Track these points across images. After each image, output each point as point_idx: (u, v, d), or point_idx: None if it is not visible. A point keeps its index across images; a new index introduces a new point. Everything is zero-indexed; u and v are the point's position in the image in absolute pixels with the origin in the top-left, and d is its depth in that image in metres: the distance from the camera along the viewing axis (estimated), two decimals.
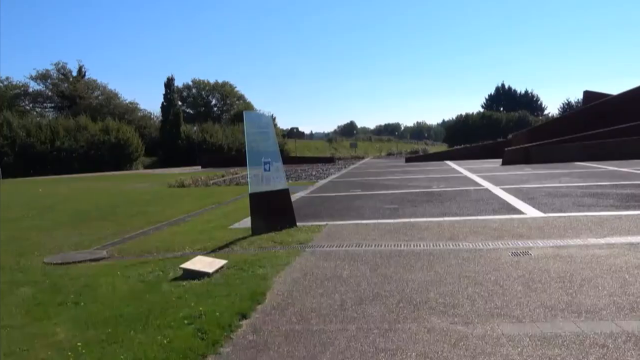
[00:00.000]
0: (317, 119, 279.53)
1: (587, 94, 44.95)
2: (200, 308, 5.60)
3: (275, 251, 8.64)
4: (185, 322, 5.26)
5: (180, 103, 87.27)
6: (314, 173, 33.42)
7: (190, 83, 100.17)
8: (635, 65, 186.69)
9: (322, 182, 25.04)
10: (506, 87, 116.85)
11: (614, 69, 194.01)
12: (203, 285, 6.64)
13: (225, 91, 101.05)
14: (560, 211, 11.63)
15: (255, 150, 10.59)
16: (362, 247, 8.73)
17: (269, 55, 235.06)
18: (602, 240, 8.40)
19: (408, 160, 46.78)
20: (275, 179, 10.87)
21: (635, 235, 8.70)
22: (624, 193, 14.41)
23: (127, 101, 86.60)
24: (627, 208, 11.68)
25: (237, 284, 6.64)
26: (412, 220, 11.34)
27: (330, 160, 57.94)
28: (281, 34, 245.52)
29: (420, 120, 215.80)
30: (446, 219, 11.32)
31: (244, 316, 5.43)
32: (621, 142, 32.14)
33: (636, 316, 4.93)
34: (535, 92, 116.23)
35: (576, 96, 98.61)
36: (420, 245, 8.62)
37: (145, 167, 65.92)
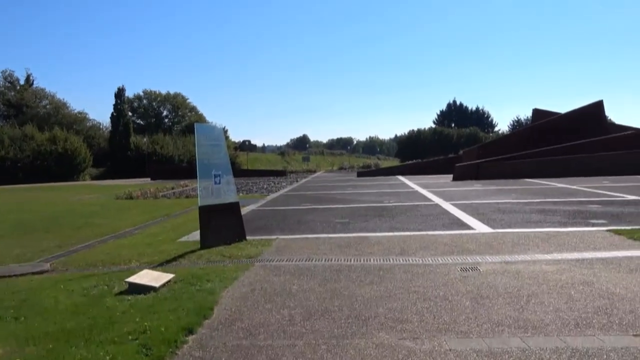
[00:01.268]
0: (269, 132, 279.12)
1: (536, 112, 46.20)
2: (146, 323, 5.46)
3: (224, 265, 8.52)
4: (130, 337, 5.11)
5: (130, 114, 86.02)
6: (265, 186, 33.28)
7: (142, 94, 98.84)
8: (582, 84, 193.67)
9: (273, 195, 24.95)
10: (458, 103, 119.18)
11: (562, 88, 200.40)
12: (149, 300, 6.48)
13: (177, 102, 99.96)
14: (509, 227, 11.85)
15: (206, 163, 10.45)
16: (312, 261, 8.69)
17: (222, 67, 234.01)
18: (548, 256, 8.58)
19: (360, 174, 47.11)
20: (226, 192, 10.75)
21: (581, 251, 8.92)
22: (571, 210, 14.79)
23: (75, 111, 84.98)
24: (574, 224, 11.99)
25: (184, 298, 6.50)
26: (362, 234, 11.37)
27: (282, 173, 57.85)
28: (235, 46, 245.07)
29: (373, 134, 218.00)
30: (397, 233, 11.39)
31: (191, 331, 5.31)
32: (568, 160, 33.15)
33: (581, 332, 5.02)
34: (486, 109, 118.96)
35: (526, 114, 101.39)
36: (370, 260, 8.63)
37: (93, 178, 64.54)
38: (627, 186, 23.07)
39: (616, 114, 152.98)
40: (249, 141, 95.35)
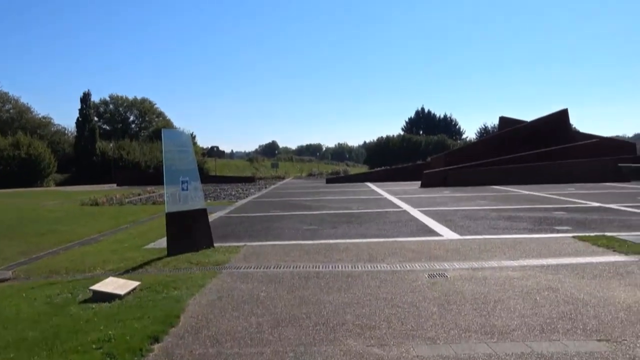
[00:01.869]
0: (238, 138, 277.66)
1: (503, 120, 46.84)
2: (110, 332, 5.37)
3: (191, 272, 8.42)
4: (94, 346, 5.02)
5: (96, 119, 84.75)
6: (233, 193, 33.04)
7: (108, 98, 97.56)
8: (548, 93, 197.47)
9: (241, 202, 24.80)
10: (426, 111, 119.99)
11: (528, 97, 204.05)
12: (114, 308, 6.37)
13: (144, 108, 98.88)
14: (476, 233, 11.97)
15: (173, 169, 10.34)
16: (280, 268, 8.65)
17: (190, 72, 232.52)
18: (515, 263, 8.68)
19: (329, 181, 47.09)
20: (193, 198, 10.64)
21: (547, 257, 9.04)
22: (536, 216, 15.01)
23: (40, 116, 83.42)
24: (539, 231, 12.16)
25: (150, 306, 6.40)
26: (331, 241, 11.36)
27: (250, 180, 57.55)
28: (204, 51, 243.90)
29: (342, 141, 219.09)
30: (365, 240, 11.41)
31: (156, 340, 5.23)
32: (535, 167, 33.68)
33: (546, 337, 5.08)
34: (453, 117, 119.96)
35: (492, 121, 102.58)
36: (338, 267, 8.62)
37: (58, 184, 63.26)
38: (591, 193, 23.53)
39: (580, 123, 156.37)
40: (217, 147, 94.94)
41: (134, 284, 7.29)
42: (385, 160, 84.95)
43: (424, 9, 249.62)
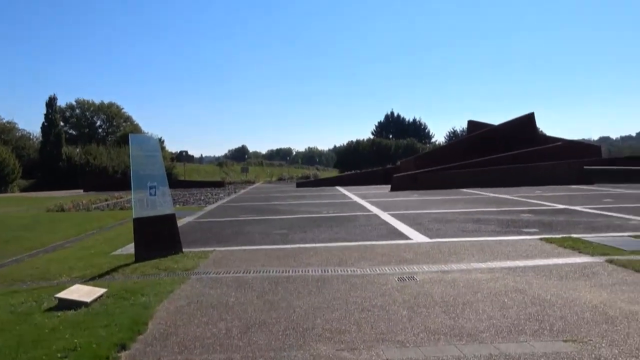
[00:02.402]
0: (207, 143, 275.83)
1: (471, 124, 47.35)
2: (76, 340, 5.26)
3: (159, 278, 8.31)
4: (59, 355, 4.93)
5: (62, 124, 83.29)
6: (202, 197, 32.77)
7: (74, 103, 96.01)
8: (515, 97, 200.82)
9: (211, 206, 24.62)
10: (395, 115, 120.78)
11: (497, 100, 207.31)
12: (80, 316, 6.25)
13: (111, 112, 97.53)
14: (445, 236, 12.06)
15: (140, 174, 10.22)
16: (250, 273, 8.59)
17: (159, 76, 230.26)
18: (483, 265, 8.77)
19: (299, 185, 47.01)
20: (162, 203, 10.53)
21: (514, 259, 9.15)
22: (504, 219, 15.20)
23: (4, 120, 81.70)
24: (507, 233, 12.31)
25: (117, 313, 6.30)
26: (301, 245, 11.33)
27: (220, 184, 57.14)
28: (172, 55, 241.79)
29: (312, 145, 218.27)
30: (335, 244, 11.41)
31: (124, 347, 5.15)
32: (503, 170, 34.13)
33: (514, 338, 5.13)
34: (423, 121, 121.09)
35: (461, 125, 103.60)
36: (308, 271, 8.60)
37: (23, 190, 62.02)
38: (557, 195, 23.94)
39: (547, 126, 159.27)
40: (186, 152, 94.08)
41: (101, 291, 7.17)
42: (356, 164, 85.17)
43: (394, 14, 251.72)
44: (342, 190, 35.42)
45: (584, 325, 5.46)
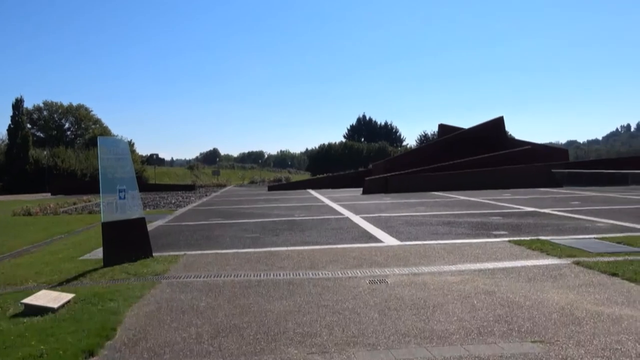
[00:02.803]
0: (178, 146, 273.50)
1: (442, 127, 47.86)
2: (42, 347, 5.16)
3: (128, 283, 8.20)
4: None
5: (29, 126, 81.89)
6: (173, 201, 32.47)
7: (42, 105, 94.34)
8: (485, 101, 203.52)
9: (181, 210, 24.42)
10: (367, 118, 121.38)
11: (468, 104, 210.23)
12: (46, 322, 6.13)
13: (80, 114, 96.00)
14: (416, 239, 12.14)
15: (109, 177, 10.10)
16: (220, 277, 8.54)
17: (128, 78, 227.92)
18: (453, 267, 8.85)
19: (271, 188, 46.88)
20: (131, 207, 10.41)
21: (484, 262, 9.26)
22: (474, 221, 15.36)
23: None
24: (477, 236, 12.45)
25: (84, 319, 6.20)
26: (272, 249, 11.31)
27: (191, 187, 56.72)
28: (143, 57, 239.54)
29: (284, 148, 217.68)
30: (307, 247, 11.41)
31: (91, 354, 5.07)
32: (473, 173, 34.52)
33: (483, 340, 5.19)
34: (394, 124, 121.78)
35: (432, 129, 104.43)
36: (280, 275, 8.58)
37: None
38: (525, 198, 24.29)
39: (516, 130, 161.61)
40: (157, 155, 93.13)
41: (68, 296, 7.06)
42: (328, 167, 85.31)
43: (367, 20, 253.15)
44: (314, 193, 35.44)
45: (552, 326, 5.54)
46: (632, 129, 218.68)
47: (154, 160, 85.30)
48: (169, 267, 9.45)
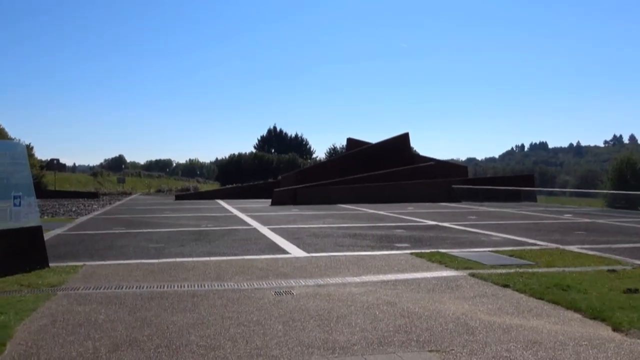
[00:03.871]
0: (81, 151, 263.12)
1: (350, 141, 48.76)
2: None
3: (21, 296, 7.79)
4: None
5: None
6: (74, 209, 31.22)
7: None
8: (392, 117, 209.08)
9: (82, 218, 23.52)
10: (278, 129, 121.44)
11: (375, 120, 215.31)
12: None
13: None
14: (323, 251, 12.28)
15: (4, 183, 9.60)
16: (122, 289, 8.29)
17: (28, 78, 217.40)
18: (357, 279, 9.01)
19: (178, 197, 46.02)
20: (27, 214, 9.92)
21: (386, 273, 9.50)
22: (379, 234, 15.73)
23: None
24: (381, 248, 12.75)
25: None
26: (177, 260, 11.10)
27: (94, 195, 54.81)
28: (41, 56, 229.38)
29: (193, 157, 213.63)
30: (213, 258, 11.28)
31: None
32: (379, 187, 35.34)
33: (383, 350, 5.32)
34: (305, 137, 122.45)
35: (341, 142, 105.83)
36: (184, 286, 8.44)
37: None
38: (428, 212, 25.14)
39: (420, 146, 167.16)
40: (58, 160, 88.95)
41: None
42: (237, 177, 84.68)
43: (279, 30, 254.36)
44: (222, 203, 35.09)
45: (447, 336, 5.76)
46: (526, 149, 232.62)
47: (54, 165, 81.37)
48: (67, 278, 9.06)
